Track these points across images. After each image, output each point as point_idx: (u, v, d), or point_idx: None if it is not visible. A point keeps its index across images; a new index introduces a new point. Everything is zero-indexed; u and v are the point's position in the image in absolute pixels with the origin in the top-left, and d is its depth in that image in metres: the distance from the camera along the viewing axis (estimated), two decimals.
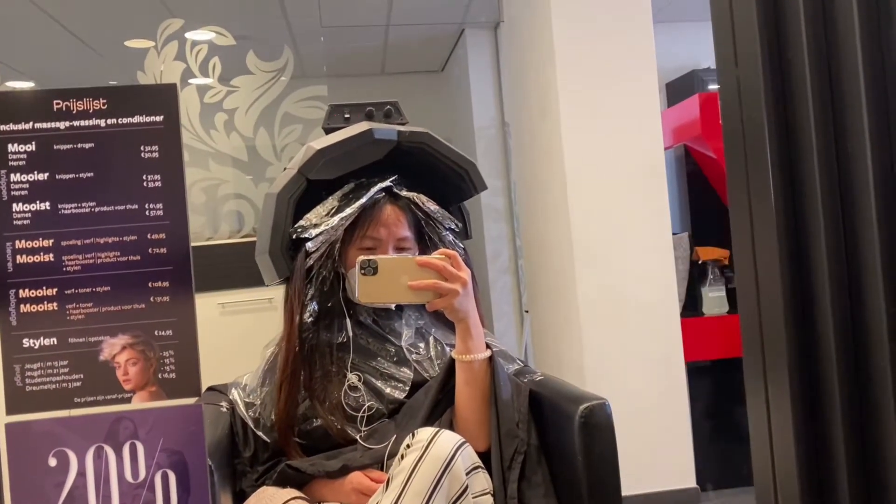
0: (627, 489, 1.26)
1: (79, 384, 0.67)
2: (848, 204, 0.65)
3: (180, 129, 0.67)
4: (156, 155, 0.68)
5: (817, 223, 0.67)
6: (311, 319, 1.42)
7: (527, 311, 3.65)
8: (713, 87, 4.03)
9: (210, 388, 1.56)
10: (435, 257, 1.26)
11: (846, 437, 0.72)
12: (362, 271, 1.23)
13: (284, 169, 1.46)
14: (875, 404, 0.68)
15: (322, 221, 1.40)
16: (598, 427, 1.22)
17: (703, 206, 3.31)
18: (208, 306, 2.65)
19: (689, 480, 2.71)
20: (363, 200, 1.40)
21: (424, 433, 1.14)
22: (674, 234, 2.92)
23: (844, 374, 0.70)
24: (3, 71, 3.05)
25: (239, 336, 2.45)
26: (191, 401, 0.69)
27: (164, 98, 0.67)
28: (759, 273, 0.76)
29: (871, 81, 0.58)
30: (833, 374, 0.70)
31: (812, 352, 0.74)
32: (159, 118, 0.68)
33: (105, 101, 0.67)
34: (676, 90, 4.23)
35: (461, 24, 4.07)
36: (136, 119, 0.68)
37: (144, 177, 0.68)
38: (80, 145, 0.67)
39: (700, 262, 3.03)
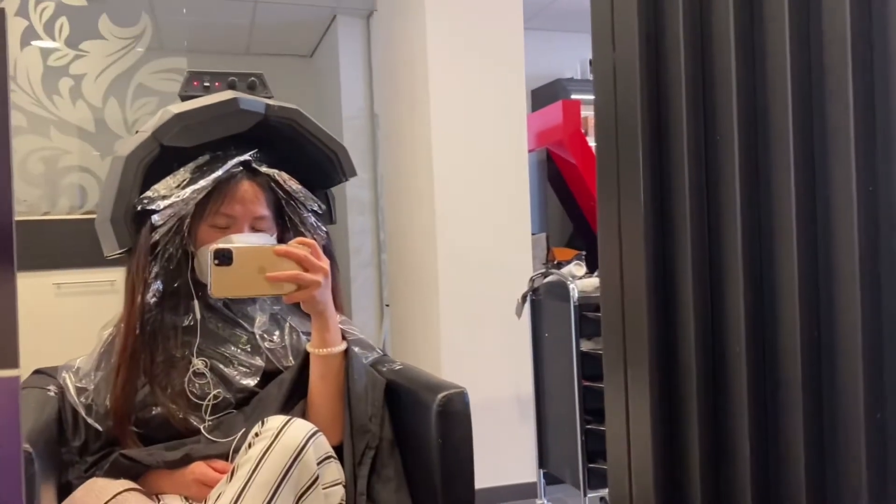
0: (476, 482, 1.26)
1: None
2: (714, 197, 0.67)
3: (7, 62, 0.59)
4: None
5: (683, 214, 0.68)
6: (154, 300, 1.32)
7: (387, 305, 3.62)
8: (576, 96, 4.17)
9: (37, 371, 1.42)
10: (294, 246, 1.21)
11: (701, 431, 0.74)
12: (216, 261, 1.15)
13: (136, 132, 1.35)
14: (730, 394, 0.70)
15: (172, 193, 1.31)
16: (455, 415, 1.21)
17: (561, 209, 3.41)
18: (42, 286, 2.43)
19: (531, 475, 2.78)
20: (219, 173, 1.32)
21: (275, 421, 1.08)
22: (533, 234, 3.00)
23: (703, 362, 0.71)
24: None
25: (76, 319, 2.27)
26: (7, 373, 0.60)
27: None
28: (623, 264, 0.76)
29: (742, 71, 0.59)
30: (692, 361, 0.71)
31: (672, 345, 0.76)
32: None
33: None
34: (541, 97, 4.35)
35: (333, 10, 3.98)
36: None
37: None
38: None
39: (556, 262, 3.12)
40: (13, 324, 0.58)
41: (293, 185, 1.40)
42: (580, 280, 2.36)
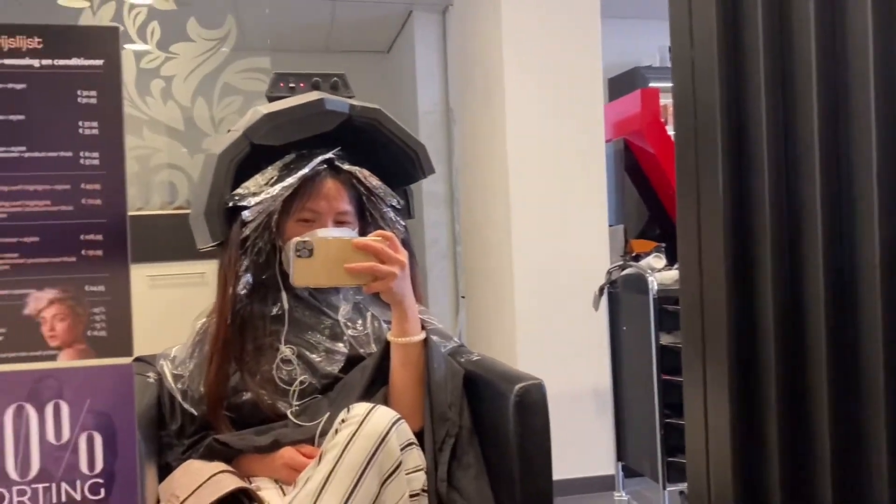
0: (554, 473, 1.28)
1: (1, 339, 0.63)
2: (793, 192, 0.67)
3: (121, 74, 0.64)
4: (94, 101, 0.64)
5: (763, 209, 0.68)
6: (244, 292, 1.38)
7: (463, 297, 3.66)
8: (654, 84, 4.09)
9: (137, 359, 1.51)
10: (372, 239, 1.25)
11: (780, 426, 0.74)
12: (297, 253, 1.21)
13: (228, 131, 1.41)
14: (810, 389, 0.70)
15: (261, 190, 1.37)
16: (532, 407, 1.23)
17: (638, 200, 3.37)
18: (137, 278, 2.56)
19: (608, 467, 2.77)
20: (304, 171, 1.37)
21: (360, 408, 1.12)
22: (610, 225, 2.97)
23: (782, 363, 0.71)
24: None
25: (168, 310, 2.38)
26: (122, 360, 0.66)
27: (104, 41, 0.64)
28: (702, 258, 0.77)
29: (822, 69, 0.59)
30: (771, 363, 0.71)
31: (751, 340, 0.76)
32: (99, 62, 0.64)
33: (40, 39, 0.63)
34: (618, 86, 4.28)
35: (409, 5, 4.03)
36: (74, 61, 0.63)
37: (80, 123, 0.64)
38: (10, 85, 0.63)
39: (634, 254, 3.09)
40: (128, 315, 0.64)
41: (373, 181, 1.44)
42: (660, 272, 2.33)
